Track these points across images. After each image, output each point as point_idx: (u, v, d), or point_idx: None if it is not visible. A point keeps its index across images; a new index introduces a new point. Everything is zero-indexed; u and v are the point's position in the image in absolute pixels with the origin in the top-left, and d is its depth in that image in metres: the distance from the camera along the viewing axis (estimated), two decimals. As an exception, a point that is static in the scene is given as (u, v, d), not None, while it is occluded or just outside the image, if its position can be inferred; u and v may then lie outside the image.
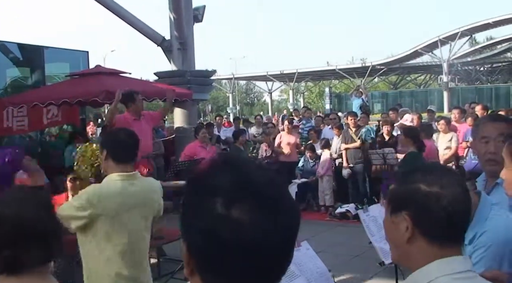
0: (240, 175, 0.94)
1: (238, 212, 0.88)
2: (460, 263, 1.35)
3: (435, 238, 1.36)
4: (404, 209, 1.38)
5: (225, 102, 68.94)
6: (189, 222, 0.94)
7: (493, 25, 38.75)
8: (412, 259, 1.39)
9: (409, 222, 1.37)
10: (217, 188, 0.91)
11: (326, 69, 50.50)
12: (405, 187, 1.42)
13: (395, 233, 1.41)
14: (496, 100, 39.00)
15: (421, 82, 58.61)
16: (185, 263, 0.96)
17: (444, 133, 9.17)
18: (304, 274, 2.45)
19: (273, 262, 0.92)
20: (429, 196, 1.35)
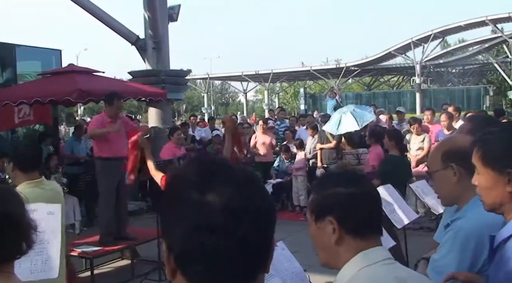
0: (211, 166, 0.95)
1: (212, 201, 0.89)
2: (379, 253, 1.49)
3: (359, 233, 1.49)
4: (328, 214, 1.50)
5: (200, 102, 68.69)
6: (167, 217, 0.94)
7: (465, 27, 39.42)
8: (341, 259, 1.49)
9: (335, 224, 1.48)
10: (192, 182, 0.92)
11: (300, 70, 50.73)
12: (325, 194, 1.53)
13: (323, 238, 1.52)
14: (468, 101, 39.75)
15: (394, 84, 59.30)
16: (166, 262, 0.95)
17: (417, 134, 9.30)
18: (279, 274, 2.45)
19: (253, 249, 0.92)
20: (350, 197, 1.48)
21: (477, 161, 1.74)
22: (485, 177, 1.72)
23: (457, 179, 2.04)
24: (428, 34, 39.87)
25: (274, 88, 61.62)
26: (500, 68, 40.73)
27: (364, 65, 45.69)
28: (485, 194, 1.74)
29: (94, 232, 7.29)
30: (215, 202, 0.89)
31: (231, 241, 0.89)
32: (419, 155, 9.04)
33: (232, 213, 0.89)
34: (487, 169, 1.70)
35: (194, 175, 0.93)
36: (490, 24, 37.74)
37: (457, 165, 2.04)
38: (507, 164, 1.65)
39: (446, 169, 2.07)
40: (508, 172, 1.64)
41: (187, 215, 0.90)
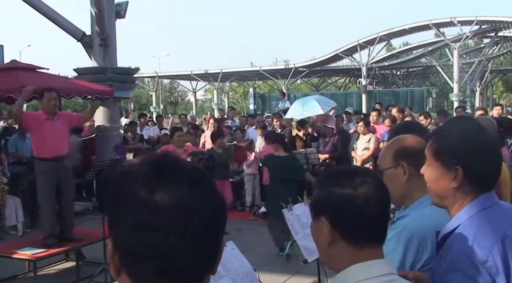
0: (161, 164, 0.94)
1: (161, 199, 0.88)
2: (381, 266, 1.38)
3: (354, 240, 1.39)
4: (322, 213, 1.43)
5: (148, 100, 67.74)
6: (114, 214, 0.92)
7: (409, 31, 40.48)
8: (335, 262, 1.43)
9: (327, 226, 1.40)
10: (141, 179, 0.91)
11: (250, 70, 50.81)
12: (321, 192, 1.46)
13: (319, 237, 1.45)
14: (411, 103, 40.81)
15: (341, 85, 60.30)
16: (111, 261, 0.93)
17: (363, 135, 9.49)
18: (229, 274, 2.44)
19: (201, 249, 0.91)
20: (343, 198, 1.39)
21: (429, 153, 1.80)
22: (433, 169, 1.79)
23: (407, 177, 2.09)
24: (374, 37, 40.72)
25: (224, 87, 61.50)
26: (442, 71, 42.07)
27: (312, 66, 46.19)
28: (431, 185, 1.81)
29: (38, 233, 7.08)
30: (164, 201, 0.88)
31: (178, 242, 0.88)
32: (364, 155, 9.23)
33: (180, 213, 0.88)
34: (437, 162, 1.77)
35: (143, 173, 0.92)
36: (434, 28, 38.93)
37: (408, 163, 2.09)
38: (456, 161, 1.71)
39: (397, 167, 2.11)
40: (456, 168, 1.71)
41: (134, 213, 0.88)
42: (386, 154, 2.20)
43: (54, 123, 6.51)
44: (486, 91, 54.84)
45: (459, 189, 1.72)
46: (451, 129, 1.82)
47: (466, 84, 40.69)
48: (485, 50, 41.86)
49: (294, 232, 3.91)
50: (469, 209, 1.72)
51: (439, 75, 48.18)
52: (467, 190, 1.73)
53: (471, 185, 1.72)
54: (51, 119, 6.49)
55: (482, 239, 1.63)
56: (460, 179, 1.71)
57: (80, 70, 11.06)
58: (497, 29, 38.02)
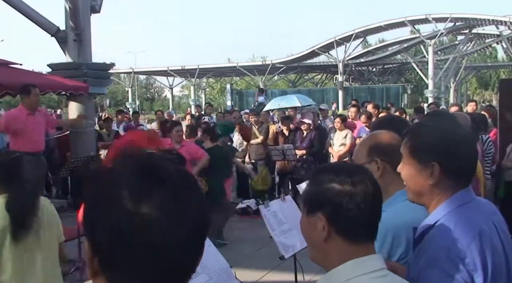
0: (146, 167, 0.90)
1: (145, 205, 0.85)
2: (374, 262, 1.40)
3: (350, 236, 1.39)
4: (319, 209, 1.41)
5: (124, 96, 67.15)
6: (94, 218, 0.89)
7: (385, 28, 40.93)
8: (329, 258, 1.41)
9: (324, 222, 1.39)
10: (123, 181, 0.88)
11: (227, 66, 50.82)
12: (318, 187, 1.44)
13: (312, 233, 1.43)
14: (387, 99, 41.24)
15: (318, 81, 60.62)
16: (89, 262, 0.91)
17: (340, 131, 9.54)
18: (205, 271, 2.43)
19: (183, 254, 0.89)
20: (342, 195, 1.38)
21: (405, 151, 1.81)
22: (409, 167, 1.79)
23: (381, 173, 2.09)
24: (350, 33, 41.07)
25: (201, 83, 61.32)
26: (417, 68, 42.62)
27: (289, 62, 46.40)
28: (408, 182, 1.82)
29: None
30: (150, 209, 0.85)
31: (161, 253, 0.86)
32: (341, 151, 9.27)
33: (166, 222, 0.85)
34: (414, 160, 1.77)
35: (127, 177, 0.88)
36: (409, 25, 39.41)
37: (382, 159, 2.10)
38: (432, 157, 1.72)
39: (371, 163, 2.12)
40: (432, 165, 1.72)
41: (115, 218, 0.85)
42: (361, 150, 2.22)
43: (34, 118, 6.56)
44: (460, 88, 55.69)
45: (437, 185, 1.73)
46: (426, 126, 1.83)
47: (441, 80, 41.31)
48: (459, 47, 42.52)
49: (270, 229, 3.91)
50: (447, 205, 1.73)
51: (414, 72, 48.78)
52: (444, 187, 1.74)
53: (448, 181, 1.73)
54: (32, 115, 6.51)
55: (461, 236, 1.64)
56: (437, 175, 1.71)
57: (54, 65, 10.88)
58: (471, 26, 38.67)
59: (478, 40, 43.40)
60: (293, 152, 9.44)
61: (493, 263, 1.64)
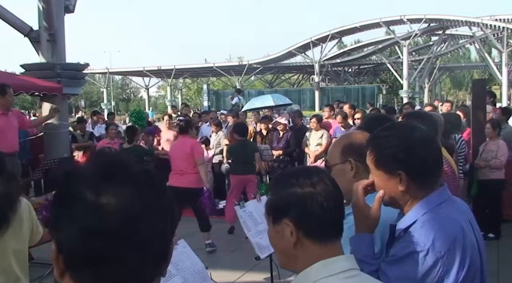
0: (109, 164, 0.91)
1: (107, 199, 0.85)
2: (344, 262, 1.40)
3: (318, 237, 1.40)
4: (284, 216, 1.41)
5: (99, 97, 66.46)
6: (58, 216, 0.89)
7: (360, 29, 41.24)
8: (300, 262, 1.41)
9: (292, 227, 1.39)
10: (87, 179, 0.88)
11: (204, 66, 50.61)
12: (280, 195, 1.45)
13: (281, 241, 1.43)
14: (363, 99, 41.59)
15: (294, 82, 60.83)
16: (55, 263, 0.90)
17: (316, 131, 9.59)
18: (181, 273, 2.42)
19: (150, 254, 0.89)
20: (304, 197, 1.39)
21: (370, 164, 1.84)
22: (378, 178, 1.82)
23: (354, 173, 2.12)
24: (326, 34, 41.30)
25: (177, 84, 61.02)
26: (392, 68, 43.04)
27: (266, 63, 46.44)
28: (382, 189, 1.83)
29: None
30: (111, 204, 0.85)
31: (126, 246, 0.85)
32: (317, 151, 9.32)
33: (128, 217, 0.85)
34: (380, 171, 1.81)
35: (91, 174, 0.88)
36: (384, 26, 39.78)
37: (355, 160, 2.12)
38: (397, 166, 1.75)
39: (344, 163, 2.14)
40: (399, 173, 1.75)
41: (81, 216, 0.85)
42: (334, 150, 2.23)
43: (8, 118, 6.46)
44: (435, 88, 56.44)
45: (408, 191, 1.77)
46: (383, 137, 1.85)
47: (415, 80, 41.83)
48: (433, 48, 43.10)
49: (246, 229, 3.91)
50: (425, 203, 1.77)
51: (389, 72, 49.24)
52: (416, 190, 1.77)
53: (418, 184, 1.76)
54: (5, 115, 6.42)
55: (443, 235, 1.68)
56: (405, 182, 1.75)
57: (27, 66, 10.70)
58: (445, 27, 39.21)
59: (452, 41, 44.02)
60: (270, 153, 9.46)
61: (471, 260, 1.69)
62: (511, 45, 37.53)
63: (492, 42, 37.72)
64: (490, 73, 42.81)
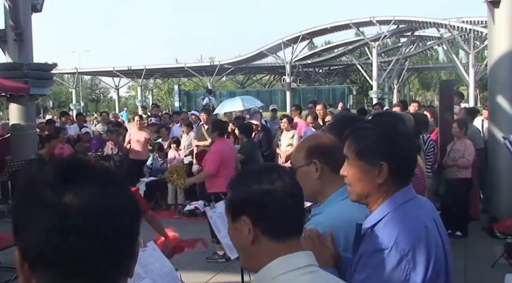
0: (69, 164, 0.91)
1: (68, 198, 0.85)
2: (302, 258, 1.39)
3: (276, 234, 1.39)
4: (242, 213, 1.41)
5: (68, 97, 65.43)
6: (20, 220, 0.88)
7: (331, 30, 41.56)
8: (258, 260, 1.40)
9: (249, 224, 1.39)
10: (47, 179, 0.87)
11: (175, 67, 50.32)
12: (238, 192, 1.45)
13: (240, 238, 1.43)
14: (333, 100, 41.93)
15: (266, 82, 60.97)
16: (20, 270, 0.88)
17: (287, 131, 9.64)
18: (150, 275, 2.40)
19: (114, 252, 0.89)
20: (262, 194, 1.39)
21: (351, 153, 1.83)
22: (356, 169, 1.82)
23: (319, 175, 2.13)
24: (297, 35, 41.49)
25: (148, 84, 60.48)
26: (362, 69, 43.52)
27: (238, 63, 46.44)
28: (355, 184, 1.84)
29: None
30: (74, 203, 0.85)
31: (90, 244, 0.85)
32: (288, 151, 9.37)
33: (91, 214, 0.85)
34: (361, 161, 1.81)
35: (51, 175, 0.88)
36: (354, 27, 40.21)
37: (320, 161, 2.13)
38: (380, 158, 1.77)
39: (309, 165, 2.15)
40: (380, 164, 1.76)
41: (43, 217, 0.84)
42: (298, 152, 2.24)
43: None
44: (403, 89, 57.26)
45: (383, 184, 1.78)
46: (368, 128, 1.88)
47: (385, 81, 42.33)
48: (402, 49, 43.69)
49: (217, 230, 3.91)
50: (390, 202, 1.79)
51: (359, 73, 49.77)
52: (389, 185, 1.79)
53: (393, 179, 1.78)
54: None
55: (408, 232, 1.70)
56: (385, 174, 1.76)
57: (-7, 66, 10.50)
58: (413, 29, 39.78)
59: (420, 42, 44.69)
60: (241, 153, 9.44)
61: (435, 259, 1.71)
62: (478, 46, 38.29)
63: (459, 43, 38.44)
64: (457, 74, 43.59)
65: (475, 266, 6.33)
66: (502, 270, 5.93)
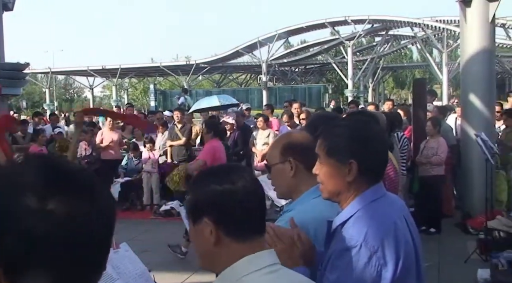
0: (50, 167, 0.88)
1: (53, 205, 0.82)
2: (265, 258, 1.38)
3: (239, 235, 1.38)
4: (204, 214, 1.38)
5: (41, 97, 64.44)
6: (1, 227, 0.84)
7: (306, 29, 41.70)
8: (221, 261, 1.38)
9: (211, 226, 1.36)
10: (28, 184, 0.84)
11: (150, 66, 49.94)
12: (199, 193, 1.42)
13: (202, 240, 1.40)
14: (309, 98, 42.15)
15: (242, 81, 60.92)
16: None
17: (262, 130, 9.64)
18: (123, 277, 2.37)
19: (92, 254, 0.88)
20: (223, 194, 1.37)
21: (322, 151, 1.84)
22: (327, 167, 1.83)
23: (293, 172, 2.14)
24: (273, 34, 41.53)
25: (123, 84, 59.91)
26: (337, 68, 43.78)
27: (214, 62, 46.28)
28: (326, 182, 1.85)
29: None
30: (57, 209, 0.82)
31: (70, 252, 0.84)
32: (264, 150, 9.37)
33: (75, 223, 0.83)
34: (331, 159, 1.82)
35: (32, 178, 0.85)
36: (329, 27, 40.39)
37: (294, 159, 2.13)
38: (349, 155, 1.78)
39: (284, 163, 2.16)
40: (350, 162, 1.77)
41: (25, 225, 0.81)
42: (273, 150, 2.25)
43: None
44: (378, 87, 57.81)
45: (354, 182, 1.80)
46: (339, 126, 1.90)
47: (360, 80, 42.67)
48: (376, 48, 44.12)
49: (191, 230, 3.88)
50: (360, 200, 1.80)
51: (335, 72, 50.03)
52: (359, 183, 1.80)
53: (364, 177, 1.80)
54: None
55: (376, 229, 1.72)
56: (355, 172, 1.78)
57: (-37, 66, 10.28)
58: (387, 28, 40.19)
59: (394, 41, 45.16)
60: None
61: (405, 255, 1.73)
62: (451, 45, 38.83)
63: (433, 42, 38.95)
64: (431, 72, 44.20)
65: (449, 262, 6.42)
66: (474, 265, 6.04)
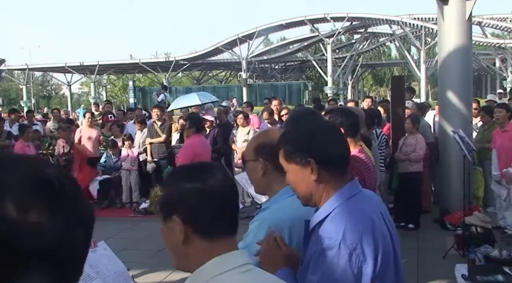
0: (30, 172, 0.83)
1: (34, 214, 0.79)
2: (237, 258, 1.37)
3: (208, 234, 1.36)
4: (173, 212, 1.36)
5: (18, 94, 63.51)
6: None
7: (286, 26, 41.79)
8: (191, 261, 1.37)
9: (180, 224, 1.35)
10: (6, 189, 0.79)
11: (129, 62, 49.58)
12: (170, 191, 1.41)
13: (171, 238, 1.38)
14: (289, 95, 42.24)
15: (222, 78, 60.81)
16: None
17: (243, 127, 9.63)
18: (101, 276, 2.34)
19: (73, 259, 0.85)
20: (193, 193, 1.36)
21: (282, 160, 1.86)
22: (292, 173, 1.84)
23: (263, 172, 2.16)
24: (253, 31, 41.51)
25: (101, 80, 59.34)
26: (317, 65, 43.96)
27: (193, 59, 46.11)
28: (297, 188, 1.86)
29: None
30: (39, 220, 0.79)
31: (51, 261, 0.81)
32: (244, 148, 9.37)
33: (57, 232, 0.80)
34: (292, 164, 1.83)
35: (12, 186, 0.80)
36: (309, 24, 40.51)
37: (265, 160, 2.15)
38: (306, 155, 1.79)
39: (256, 161, 2.19)
40: (308, 161, 1.78)
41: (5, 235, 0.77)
42: (250, 146, 2.28)
43: None
44: (358, 84, 58.22)
45: (320, 180, 1.80)
46: (291, 130, 1.94)
47: (339, 77, 42.90)
48: (356, 45, 44.41)
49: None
50: (337, 198, 1.80)
51: (315, 69, 50.23)
52: (326, 178, 1.80)
53: (327, 171, 1.80)
54: None
55: (354, 226, 1.72)
56: (316, 169, 1.78)
57: None
58: (366, 26, 40.52)
59: (373, 39, 45.53)
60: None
61: (383, 251, 1.74)
62: (429, 43, 39.26)
63: (411, 40, 39.35)
64: (409, 70, 44.61)
65: (427, 257, 6.49)
66: (452, 260, 6.11)
